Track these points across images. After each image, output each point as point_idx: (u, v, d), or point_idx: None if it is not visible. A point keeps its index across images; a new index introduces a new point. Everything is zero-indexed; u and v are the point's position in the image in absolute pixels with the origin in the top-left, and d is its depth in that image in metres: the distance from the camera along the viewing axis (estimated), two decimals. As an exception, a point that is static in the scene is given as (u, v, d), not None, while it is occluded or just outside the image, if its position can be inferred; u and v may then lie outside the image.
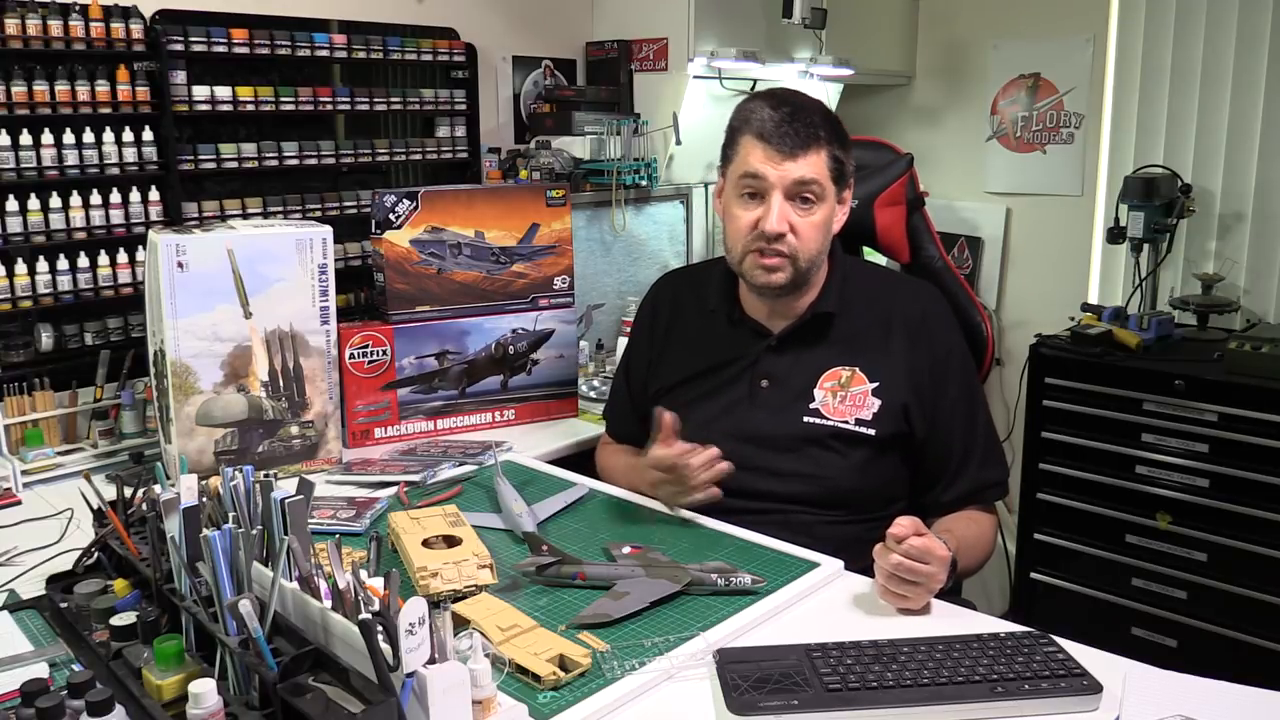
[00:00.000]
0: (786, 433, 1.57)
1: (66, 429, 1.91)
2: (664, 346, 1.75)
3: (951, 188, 3.32)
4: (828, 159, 1.51)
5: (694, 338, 1.71)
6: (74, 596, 1.25)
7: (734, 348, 1.64)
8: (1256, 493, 2.22)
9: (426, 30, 2.41)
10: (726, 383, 1.63)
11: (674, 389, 1.69)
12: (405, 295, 2.01)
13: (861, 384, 1.56)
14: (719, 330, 1.67)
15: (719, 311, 1.67)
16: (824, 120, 1.52)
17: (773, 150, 1.49)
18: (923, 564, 1.24)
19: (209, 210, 2.08)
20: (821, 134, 1.50)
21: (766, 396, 1.60)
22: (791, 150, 1.48)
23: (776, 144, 1.49)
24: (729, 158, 1.57)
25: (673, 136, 2.71)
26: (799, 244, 1.51)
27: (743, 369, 1.63)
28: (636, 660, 1.13)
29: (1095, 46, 3.02)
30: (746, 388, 1.62)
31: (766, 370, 1.61)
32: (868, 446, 1.55)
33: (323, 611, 0.96)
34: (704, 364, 1.66)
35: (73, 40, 1.85)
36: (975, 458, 1.58)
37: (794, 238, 1.51)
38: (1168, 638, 2.38)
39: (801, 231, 1.51)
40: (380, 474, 1.78)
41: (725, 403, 1.62)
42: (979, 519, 1.58)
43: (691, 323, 1.72)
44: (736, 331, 1.65)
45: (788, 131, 1.48)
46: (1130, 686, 1.09)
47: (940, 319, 1.63)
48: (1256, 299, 2.76)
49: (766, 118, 1.50)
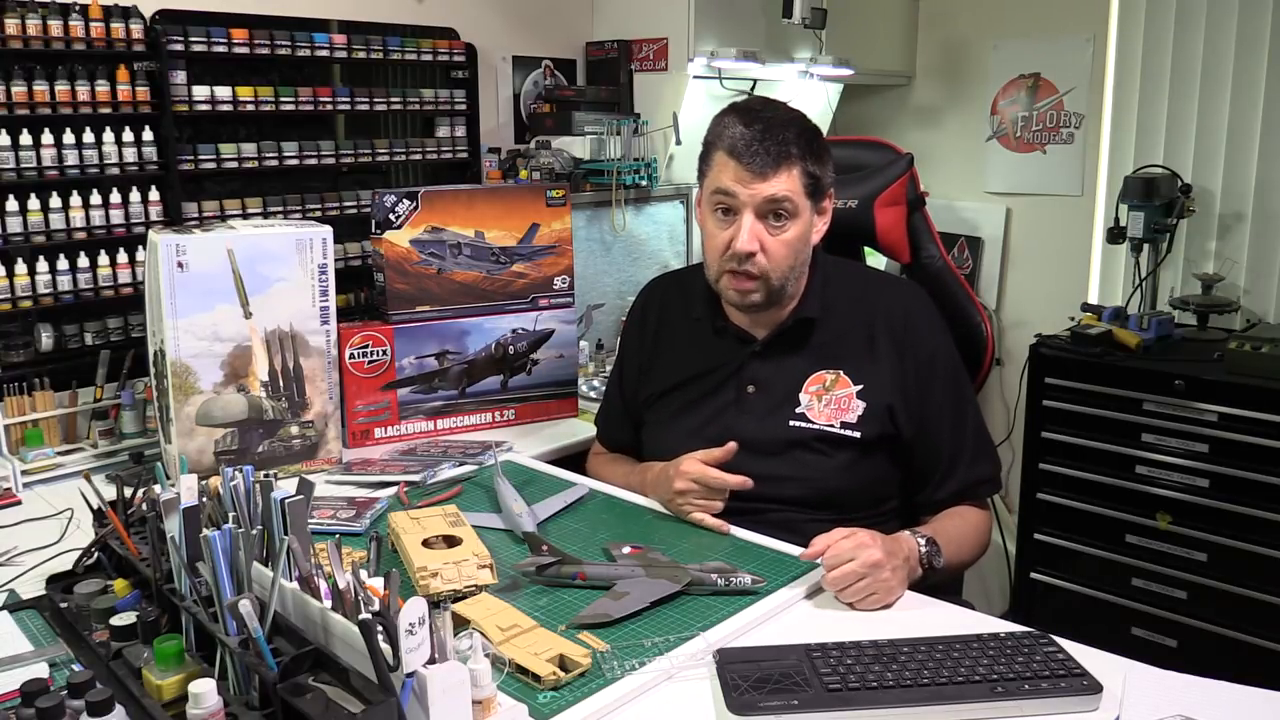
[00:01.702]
0: (773, 437, 1.57)
1: (66, 429, 1.91)
2: (654, 353, 1.75)
3: (951, 188, 3.32)
4: (800, 175, 1.49)
5: (682, 344, 1.71)
6: (74, 596, 1.25)
7: (720, 355, 1.65)
8: (1256, 493, 2.22)
9: (426, 30, 2.41)
10: (713, 389, 1.64)
11: (664, 396, 1.70)
12: (405, 295, 2.01)
13: (846, 387, 1.57)
14: (705, 337, 1.68)
15: (704, 320, 1.67)
16: (798, 135, 1.50)
17: (744, 169, 1.48)
18: (855, 565, 1.28)
19: (209, 210, 2.08)
20: (793, 150, 1.48)
21: (753, 402, 1.61)
22: (762, 170, 1.47)
23: (748, 162, 1.47)
24: (704, 172, 1.56)
25: (673, 136, 2.72)
26: (769, 263, 1.51)
27: (729, 375, 1.63)
28: (636, 660, 1.13)
29: (1095, 46, 3.02)
30: (733, 394, 1.62)
31: (752, 376, 1.62)
32: (853, 448, 1.55)
33: (323, 611, 0.96)
34: (691, 371, 1.67)
35: (73, 40, 1.85)
36: (965, 456, 1.58)
37: (764, 257, 1.51)
38: (1168, 638, 2.38)
39: (772, 250, 1.51)
40: (380, 474, 1.78)
41: (712, 409, 1.63)
42: (966, 513, 1.58)
43: (679, 329, 1.73)
44: (721, 339, 1.66)
45: (758, 150, 1.47)
46: (1130, 686, 1.09)
47: (923, 318, 1.62)
48: (1256, 299, 2.76)
49: (738, 135, 1.49)
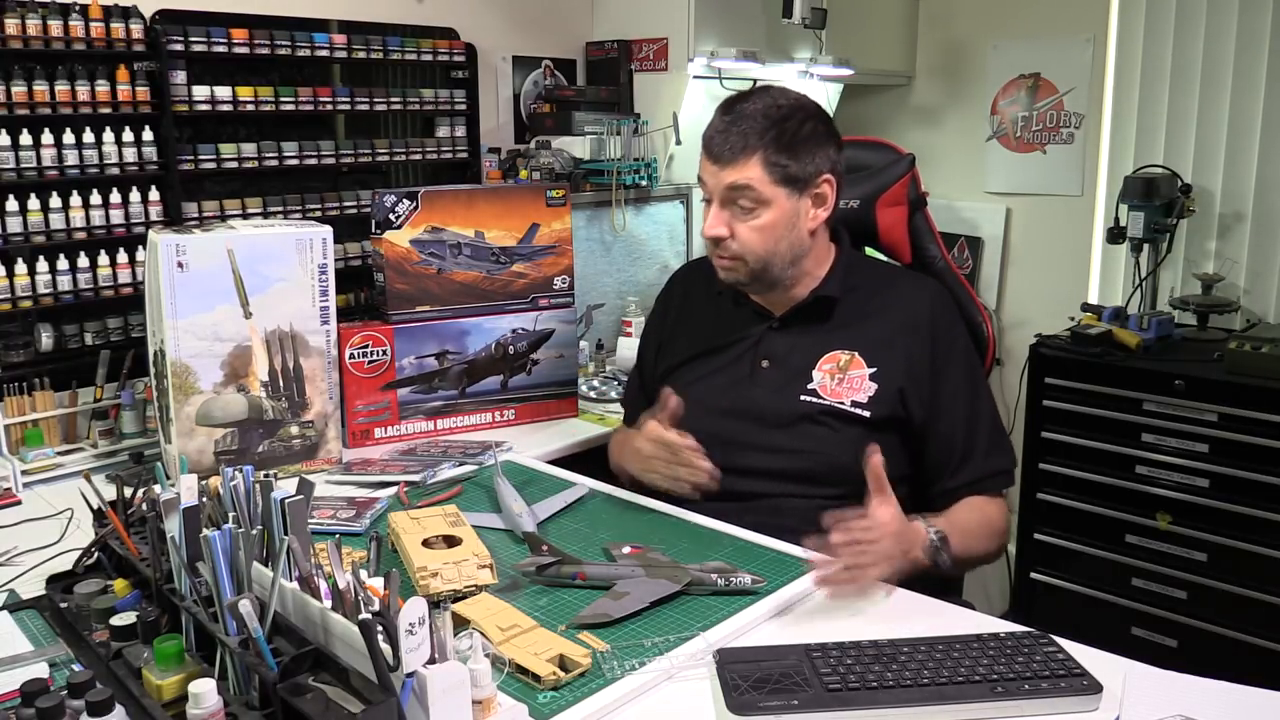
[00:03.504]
0: (783, 410, 1.59)
1: (66, 429, 1.91)
2: (674, 330, 1.79)
3: (951, 188, 3.32)
4: (762, 164, 1.52)
5: (701, 319, 1.75)
6: (74, 596, 1.25)
7: (737, 328, 1.68)
8: (1256, 493, 2.22)
9: (426, 30, 2.41)
10: (729, 362, 1.67)
11: (679, 367, 1.72)
12: (405, 295, 2.01)
13: (860, 368, 1.58)
14: (724, 311, 1.71)
15: (725, 294, 1.70)
16: (768, 126, 1.53)
17: (709, 159, 1.56)
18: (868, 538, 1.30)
19: (209, 210, 2.08)
20: (754, 141, 1.52)
21: (766, 376, 1.63)
22: (723, 159, 1.54)
23: (715, 151, 1.55)
24: None
25: (673, 136, 2.72)
26: (740, 247, 1.56)
27: (745, 349, 1.66)
28: (636, 660, 1.13)
29: (1095, 46, 3.02)
30: (748, 366, 1.65)
31: (767, 351, 1.65)
32: (862, 427, 1.56)
33: (323, 611, 0.96)
34: (708, 344, 1.70)
35: (73, 40, 1.85)
36: (980, 447, 1.59)
37: (734, 242, 1.56)
38: (1168, 638, 2.38)
39: (742, 236, 1.56)
40: (380, 474, 1.78)
41: (726, 381, 1.65)
42: (981, 504, 1.58)
43: (700, 306, 1.77)
44: (740, 312, 1.69)
45: (721, 141, 1.54)
46: (1130, 686, 1.09)
47: (943, 311, 1.64)
48: (1256, 299, 2.76)
49: (713, 125, 1.57)
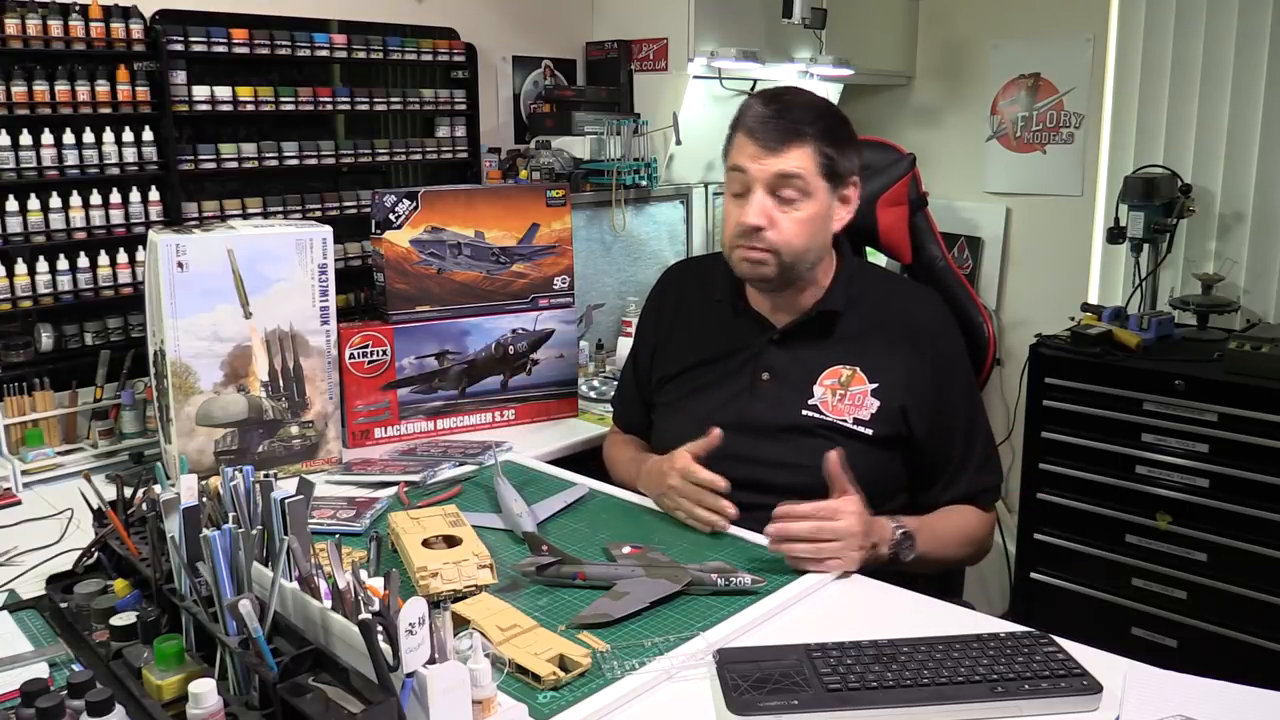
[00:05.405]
0: (783, 423, 1.57)
1: (66, 429, 1.91)
2: (669, 335, 1.75)
3: (951, 188, 3.32)
4: (814, 154, 1.50)
5: (698, 327, 1.71)
6: (74, 596, 1.25)
7: (737, 339, 1.65)
8: (1256, 493, 2.22)
9: (426, 30, 2.41)
10: (728, 374, 1.64)
11: (677, 377, 1.70)
12: (405, 295, 2.01)
13: (861, 384, 1.57)
14: (723, 320, 1.68)
15: (724, 301, 1.67)
16: (817, 117, 1.52)
17: (757, 145, 1.50)
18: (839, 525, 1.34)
19: (209, 210, 2.08)
20: (807, 130, 1.50)
21: (766, 390, 1.61)
22: (772, 145, 1.49)
23: (761, 138, 1.50)
24: (726, 153, 1.59)
25: (673, 136, 2.71)
26: (779, 239, 1.51)
27: (745, 361, 1.63)
28: (636, 660, 1.13)
29: (1095, 46, 3.02)
30: (748, 380, 1.62)
31: (768, 364, 1.62)
32: (863, 444, 1.55)
33: (323, 611, 0.96)
34: (707, 354, 1.67)
35: (73, 40, 1.85)
36: (973, 462, 1.60)
37: (774, 232, 1.51)
38: (1168, 638, 2.38)
39: (782, 226, 1.51)
40: (380, 474, 1.78)
41: (726, 394, 1.63)
42: (964, 510, 1.59)
43: (696, 312, 1.73)
44: (740, 322, 1.66)
45: (772, 127, 1.50)
46: (1130, 686, 1.09)
47: (944, 326, 1.64)
48: (1256, 299, 2.76)
49: (756, 114, 1.52)
